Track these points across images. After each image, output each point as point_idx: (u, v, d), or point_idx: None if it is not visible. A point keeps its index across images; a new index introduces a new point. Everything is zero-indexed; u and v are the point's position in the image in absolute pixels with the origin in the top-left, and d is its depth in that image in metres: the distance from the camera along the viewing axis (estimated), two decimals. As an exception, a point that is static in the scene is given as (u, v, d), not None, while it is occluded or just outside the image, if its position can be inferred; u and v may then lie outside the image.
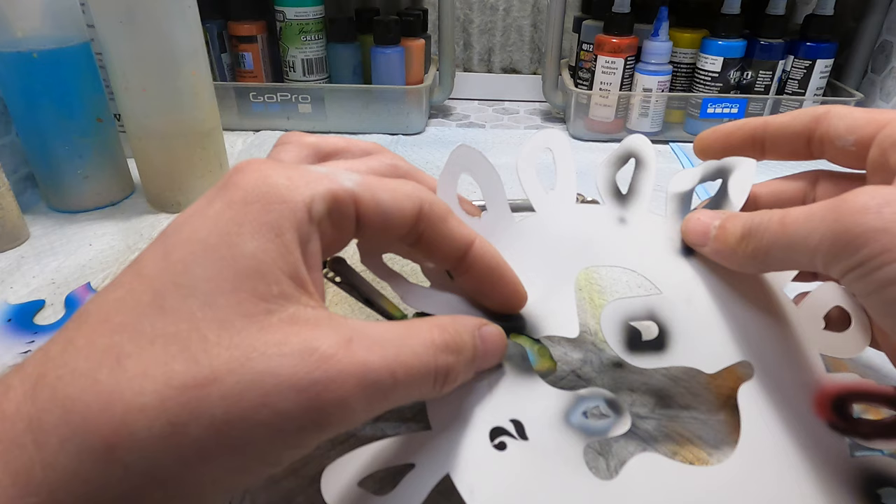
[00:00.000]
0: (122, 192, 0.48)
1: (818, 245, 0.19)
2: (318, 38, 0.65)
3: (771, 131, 0.26)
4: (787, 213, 0.21)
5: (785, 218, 0.21)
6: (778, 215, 0.21)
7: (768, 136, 0.26)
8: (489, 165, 0.26)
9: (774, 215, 0.21)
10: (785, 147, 0.26)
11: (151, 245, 0.17)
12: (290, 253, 0.17)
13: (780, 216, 0.21)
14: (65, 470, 0.14)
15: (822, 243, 0.19)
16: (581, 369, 0.29)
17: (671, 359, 0.24)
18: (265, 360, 0.15)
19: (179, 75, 0.41)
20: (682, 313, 0.25)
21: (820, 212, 0.19)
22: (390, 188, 0.20)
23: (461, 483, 0.20)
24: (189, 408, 0.14)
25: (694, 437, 0.25)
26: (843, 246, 0.18)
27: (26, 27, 0.40)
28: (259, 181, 0.17)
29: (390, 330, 0.18)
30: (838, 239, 0.18)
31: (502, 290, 0.24)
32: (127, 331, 0.15)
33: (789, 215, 0.20)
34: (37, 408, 0.14)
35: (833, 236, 0.18)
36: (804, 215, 0.20)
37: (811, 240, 0.19)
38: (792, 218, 0.20)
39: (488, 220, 0.26)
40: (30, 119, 0.43)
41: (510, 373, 0.23)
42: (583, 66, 0.69)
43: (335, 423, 0.16)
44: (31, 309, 0.34)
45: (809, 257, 0.20)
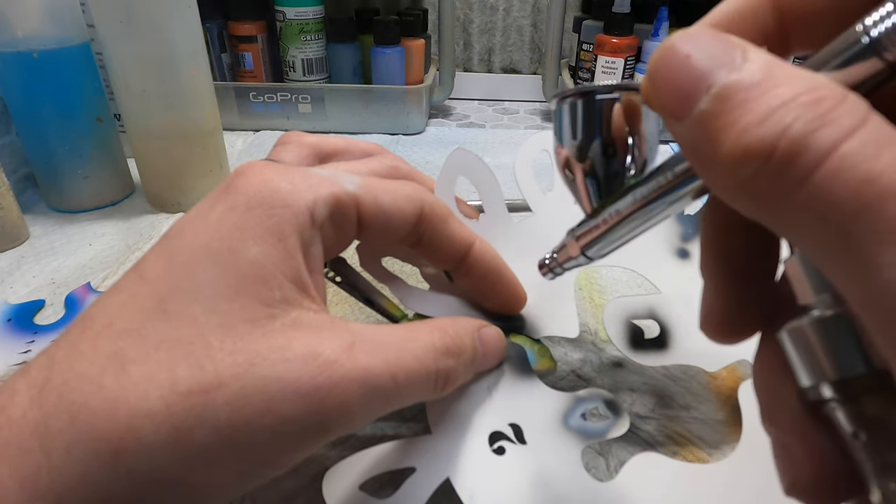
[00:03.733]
0: (122, 192, 0.48)
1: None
2: (318, 38, 0.65)
3: (799, 2, 0.13)
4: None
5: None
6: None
7: (792, 10, 0.13)
8: (486, 168, 0.26)
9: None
10: (829, 21, 0.13)
11: (153, 249, 0.17)
12: (293, 257, 0.17)
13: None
14: (71, 475, 0.14)
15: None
16: (581, 369, 0.29)
17: (673, 357, 0.24)
18: (269, 365, 0.15)
19: (179, 75, 0.41)
20: (681, 312, 0.25)
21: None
22: (391, 190, 0.20)
23: (461, 488, 0.20)
24: (194, 413, 0.14)
25: (694, 437, 0.26)
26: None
27: (26, 27, 0.40)
28: (261, 185, 0.17)
29: (391, 333, 0.18)
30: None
31: (502, 291, 0.24)
32: (131, 336, 0.15)
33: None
34: (43, 413, 0.14)
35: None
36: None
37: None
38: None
39: (486, 222, 0.26)
40: (30, 119, 0.43)
41: (510, 374, 0.23)
42: (583, 66, 0.68)
43: (338, 426, 0.16)
44: (31, 309, 0.34)
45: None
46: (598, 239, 0.17)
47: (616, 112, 0.16)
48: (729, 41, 0.11)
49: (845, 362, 0.11)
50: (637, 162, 0.16)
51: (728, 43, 0.11)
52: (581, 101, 0.16)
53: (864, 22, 0.11)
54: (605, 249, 0.18)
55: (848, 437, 0.11)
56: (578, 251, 0.18)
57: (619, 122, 0.16)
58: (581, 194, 0.17)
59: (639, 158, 0.16)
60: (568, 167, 0.17)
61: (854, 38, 0.11)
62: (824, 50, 0.12)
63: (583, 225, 0.18)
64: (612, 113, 0.16)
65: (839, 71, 0.11)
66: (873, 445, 0.11)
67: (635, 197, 0.15)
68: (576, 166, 0.17)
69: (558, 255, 0.19)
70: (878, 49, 0.11)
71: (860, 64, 0.11)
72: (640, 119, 0.16)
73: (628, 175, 0.17)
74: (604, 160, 0.16)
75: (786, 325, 0.12)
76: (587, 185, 0.17)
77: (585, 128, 0.16)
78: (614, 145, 0.16)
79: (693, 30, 0.12)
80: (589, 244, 0.18)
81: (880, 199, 0.09)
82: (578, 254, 0.18)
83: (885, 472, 0.10)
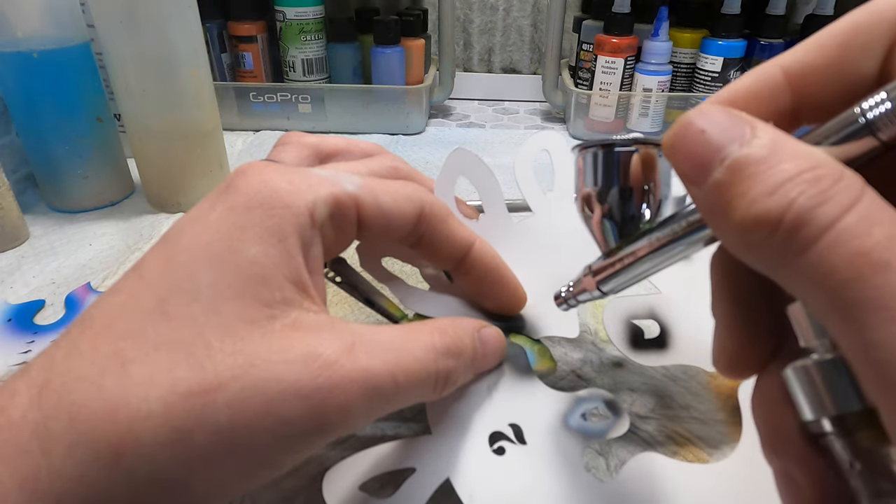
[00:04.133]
0: (122, 192, 0.48)
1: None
2: (318, 38, 0.64)
3: (808, 81, 0.15)
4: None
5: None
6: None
7: (804, 89, 0.15)
8: (486, 168, 0.26)
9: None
10: (837, 98, 0.14)
11: (153, 249, 0.17)
12: (293, 258, 0.17)
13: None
14: (71, 476, 0.14)
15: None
16: (581, 369, 0.29)
17: (673, 356, 0.24)
18: (269, 366, 0.15)
19: (179, 75, 0.41)
20: (682, 312, 0.25)
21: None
22: (392, 190, 0.20)
23: (461, 488, 0.20)
24: (194, 414, 0.14)
25: (694, 437, 0.26)
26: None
27: (26, 27, 0.40)
28: (261, 185, 0.17)
29: (391, 334, 0.18)
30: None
31: (502, 292, 0.24)
32: (131, 337, 0.15)
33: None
34: (43, 414, 0.14)
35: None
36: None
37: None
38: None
39: (486, 222, 0.26)
40: (30, 119, 0.43)
41: (509, 374, 0.23)
42: (583, 66, 0.68)
43: (338, 428, 0.16)
44: (31, 309, 0.34)
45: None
46: (614, 276, 0.19)
47: (634, 163, 0.18)
48: (740, 117, 0.13)
49: (843, 400, 0.12)
50: (652, 206, 0.18)
51: (739, 119, 0.12)
52: (602, 153, 0.18)
53: (861, 105, 0.12)
54: (620, 286, 0.19)
55: (845, 466, 0.12)
56: (594, 286, 0.20)
57: (636, 171, 0.18)
58: (597, 234, 0.19)
59: (653, 203, 0.18)
60: (588, 206, 0.19)
61: (852, 119, 0.13)
62: (826, 126, 0.13)
63: (599, 261, 0.19)
64: (630, 164, 0.18)
65: (838, 147, 0.13)
66: (867, 474, 0.12)
67: (650, 240, 0.17)
68: (595, 206, 0.19)
69: (574, 288, 0.21)
70: (872, 129, 0.12)
71: (857, 141, 0.13)
72: (656, 169, 0.18)
73: (644, 220, 0.18)
74: (621, 205, 0.18)
75: (790, 365, 0.14)
76: (603, 226, 0.19)
77: (605, 176, 0.18)
78: (631, 192, 0.18)
79: (706, 107, 0.13)
80: (604, 280, 0.19)
81: (871, 270, 0.10)
82: (594, 288, 0.20)
83: (877, 499, 0.12)
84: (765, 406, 0.15)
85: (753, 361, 0.16)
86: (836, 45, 0.14)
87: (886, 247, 0.10)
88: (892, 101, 0.12)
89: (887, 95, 0.12)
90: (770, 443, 0.15)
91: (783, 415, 0.14)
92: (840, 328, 0.11)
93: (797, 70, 0.15)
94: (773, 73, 0.15)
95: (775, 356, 0.15)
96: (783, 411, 0.14)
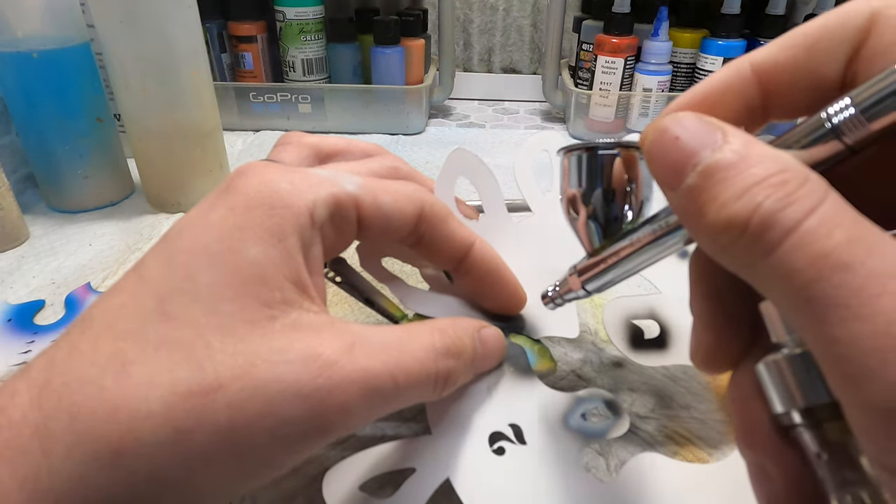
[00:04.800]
0: (122, 192, 0.48)
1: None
2: (318, 38, 0.64)
3: (776, 79, 0.15)
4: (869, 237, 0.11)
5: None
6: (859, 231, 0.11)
7: (772, 87, 0.15)
8: (486, 168, 0.26)
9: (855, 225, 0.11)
10: (803, 96, 0.15)
11: (153, 249, 0.17)
12: (293, 258, 0.17)
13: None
14: (71, 476, 0.14)
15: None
16: (581, 369, 0.29)
17: (673, 357, 0.24)
18: (269, 366, 0.15)
19: (179, 75, 0.41)
20: (681, 312, 0.25)
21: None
22: (392, 190, 0.20)
23: (461, 488, 0.20)
24: (194, 414, 0.14)
25: (694, 437, 0.26)
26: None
27: (26, 27, 0.40)
28: (261, 186, 0.17)
29: (391, 334, 0.18)
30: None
31: (502, 292, 0.24)
32: (131, 337, 0.15)
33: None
34: (43, 414, 0.14)
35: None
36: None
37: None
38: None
39: (486, 222, 0.26)
40: (30, 119, 0.43)
41: (509, 374, 0.23)
42: (583, 66, 0.68)
43: (338, 428, 0.16)
44: (31, 309, 0.34)
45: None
46: (598, 275, 0.19)
47: (616, 165, 0.18)
48: (711, 124, 0.13)
49: (811, 393, 0.13)
50: (634, 207, 0.19)
51: (711, 125, 0.13)
52: (585, 156, 0.19)
53: (828, 110, 0.13)
54: (604, 285, 0.20)
55: (813, 457, 0.13)
56: (579, 285, 0.20)
57: (619, 173, 0.19)
58: (582, 235, 0.20)
59: (636, 204, 0.19)
60: (573, 208, 0.19)
61: (819, 124, 0.13)
62: (795, 130, 0.14)
63: (584, 262, 0.20)
64: (613, 166, 0.18)
65: (806, 150, 0.13)
66: (833, 465, 0.13)
67: (632, 240, 0.18)
68: (580, 209, 0.19)
69: (560, 287, 0.21)
70: (838, 133, 0.13)
71: (823, 144, 0.13)
72: (638, 170, 0.19)
73: (626, 220, 0.19)
74: (604, 206, 0.19)
75: (762, 360, 0.14)
76: (588, 227, 0.19)
77: (589, 178, 0.19)
78: (614, 194, 0.19)
79: (681, 114, 0.14)
80: (589, 279, 0.20)
81: (831, 271, 0.11)
82: (579, 287, 0.20)
83: (842, 488, 0.12)
84: (739, 400, 0.15)
85: (728, 357, 0.16)
86: (804, 47, 0.15)
87: (845, 249, 0.11)
88: (855, 107, 0.13)
89: (851, 101, 0.13)
90: (744, 436, 0.15)
91: (756, 409, 0.15)
92: (804, 325, 0.11)
93: (766, 68, 0.15)
94: (743, 70, 0.15)
95: (750, 352, 0.16)
96: (756, 405, 0.15)
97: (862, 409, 0.11)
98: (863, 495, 0.12)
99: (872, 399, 0.10)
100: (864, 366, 0.10)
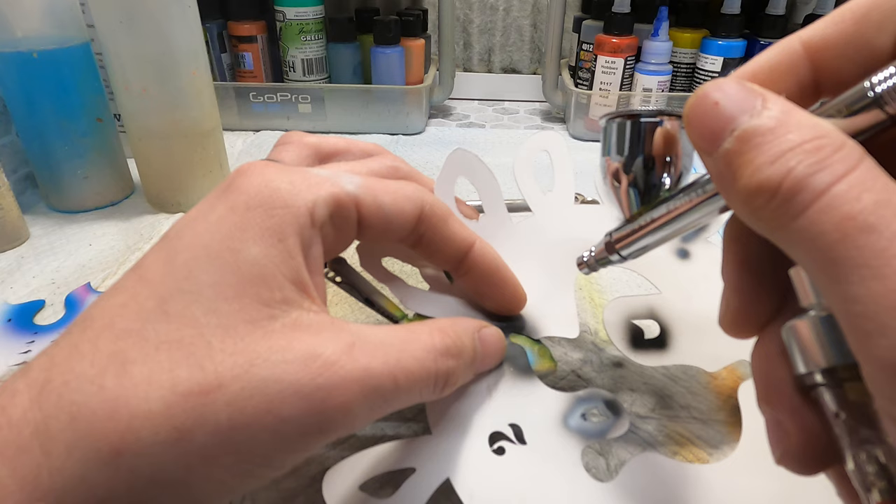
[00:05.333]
0: (122, 192, 0.48)
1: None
2: (318, 38, 0.65)
3: (827, 54, 0.15)
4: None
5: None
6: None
7: (824, 63, 0.15)
8: (486, 168, 0.26)
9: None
10: (855, 71, 0.15)
11: (153, 249, 0.17)
12: (293, 258, 0.17)
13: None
14: (72, 475, 0.14)
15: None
16: (581, 369, 0.29)
17: (673, 357, 0.24)
18: (269, 366, 0.15)
19: (179, 75, 0.41)
20: (682, 312, 0.25)
21: None
22: (392, 190, 0.20)
23: (461, 488, 0.20)
24: (194, 414, 0.14)
25: (694, 437, 0.26)
26: None
27: (26, 27, 0.40)
28: (261, 185, 0.17)
29: (391, 334, 0.18)
30: None
31: (502, 292, 0.24)
32: (132, 337, 0.15)
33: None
34: (43, 414, 0.14)
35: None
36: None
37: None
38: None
39: (486, 222, 0.26)
40: (30, 119, 0.43)
41: (509, 374, 0.23)
42: (583, 66, 0.69)
43: (338, 427, 0.16)
44: (31, 309, 0.34)
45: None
46: (634, 241, 0.20)
47: (657, 134, 0.19)
48: (752, 90, 0.13)
49: (834, 354, 0.13)
50: (672, 176, 0.19)
51: (751, 92, 0.13)
52: (629, 123, 0.19)
53: (871, 79, 0.13)
54: (639, 250, 0.20)
55: (831, 415, 0.13)
56: (614, 250, 0.20)
57: (659, 142, 0.19)
58: (623, 201, 0.20)
59: (674, 174, 0.19)
60: (616, 177, 0.20)
61: (862, 93, 0.13)
62: (837, 99, 0.14)
63: (621, 229, 0.20)
64: (654, 135, 0.19)
65: (847, 119, 0.13)
66: (851, 424, 0.13)
67: (668, 208, 0.18)
68: (623, 177, 0.19)
69: (596, 252, 0.21)
70: (880, 102, 0.13)
71: (865, 114, 0.13)
72: (678, 141, 0.19)
73: (664, 188, 0.19)
74: (644, 174, 0.19)
75: (788, 322, 0.14)
76: (629, 194, 0.20)
77: (631, 146, 0.19)
78: (654, 162, 0.19)
79: (722, 80, 0.14)
80: (624, 245, 0.20)
81: (857, 232, 0.11)
82: (614, 252, 0.20)
83: (858, 446, 0.13)
84: (763, 362, 0.16)
85: (755, 320, 0.16)
86: (854, 20, 0.14)
87: (872, 211, 0.11)
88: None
89: (894, 71, 0.13)
90: (765, 394, 0.15)
91: (779, 369, 0.15)
92: (827, 286, 0.12)
93: (816, 44, 0.15)
94: (793, 47, 0.15)
95: (776, 317, 0.16)
96: (779, 366, 0.15)
97: (875, 363, 0.11)
98: (877, 453, 0.12)
99: (886, 354, 0.10)
100: (880, 322, 0.10)
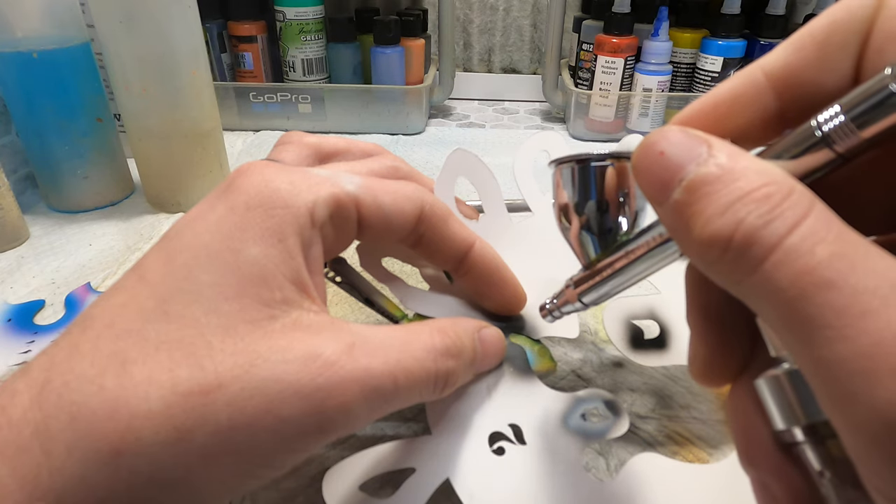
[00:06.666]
0: (122, 192, 0.48)
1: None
2: (318, 38, 0.65)
3: (791, 82, 0.14)
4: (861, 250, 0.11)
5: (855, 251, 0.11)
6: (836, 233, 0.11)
7: (788, 91, 0.14)
8: (486, 168, 0.26)
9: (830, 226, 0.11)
10: (820, 98, 0.14)
11: (153, 249, 0.17)
12: (293, 258, 0.17)
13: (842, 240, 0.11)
14: (72, 475, 0.14)
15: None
16: (581, 369, 0.29)
17: (673, 357, 0.24)
18: (269, 366, 0.15)
19: (179, 75, 0.41)
20: (681, 312, 0.25)
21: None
22: (391, 190, 0.20)
23: (461, 488, 0.20)
24: (194, 414, 0.14)
25: (694, 437, 0.26)
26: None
27: (26, 27, 0.40)
28: (261, 185, 0.17)
29: (391, 335, 0.18)
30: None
31: (502, 292, 0.24)
32: (132, 337, 0.15)
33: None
34: (43, 414, 0.14)
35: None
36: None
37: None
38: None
39: (486, 222, 0.26)
40: (30, 119, 0.43)
41: (509, 375, 0.23)
42: (583, 66, 0.68)
43: (338, 428, 0.16)
44: (31, 309, 0.34)
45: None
46: (595, 287, 0.19)
47: (609, 176, 0.18)
48: (696, 137, 0.13)
49: (812, 409, 0.12)
50: (628, 218, 0.19)
51: (696, 139, 0.13)
52: (577, 168, 0.19)
53: (817, 118, 0.12)
54: (601, 297, 0.19)
55: (815, 475, 0.13)
56: (576, 298, 0.20)
57: (611, 184, 0.18)
58: (575, 246, 0.19)
59: (630, 215, 0.19)
60: (565, 217, 0.19)
61: (809, 132, 0.13)
62: (786, 139, 0.13)
63: (580, 274, 0.20)
64: (605, 177, 0.18)
65: (797, 160, 0.13)
66: (836, 483, 0.12)
67: (627, 252, 0.17)
68: (573, 218, 0.19)
69: (557, 300, 0.21)
70: (828, 141, 0.12)
71: (815, 153, 0.13)
72: (630, 180, 0.18)
73: (621, 231, 0.19)
74: (598, 217, 0.19)
75: (762, 375, 0.14)
76: (581, 238, 0.19)
77: (581, 190, 0.19)
78: (608, 205, 0.18)
79: (667, 128, 0.13)
80: (585, 292, 0.19)
81: (815, 289, 0.10)
82: (575, 300, 0.20)
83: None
84: (739, 415, 0.15)
85: (726, 370, 0.16)
86: (815, 45, 0.14)
87: (828, 265, 0.10)
88: (845, 115, 0.12)
89: (840, 109, 0.12)
90: (746, 454, 0.15)
91: (757, 424, 0.14)
92: (791, 345, 0.11)
93: (779, 72, 0.14)
94: (755, 77, 0.15)
95: (748, 366, 0.16)
96: (757, 420, 0.14)
97: (850, 431, 0.10)
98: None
99: (859, 422, 0.10)
100: (850, 388, 0.10)
